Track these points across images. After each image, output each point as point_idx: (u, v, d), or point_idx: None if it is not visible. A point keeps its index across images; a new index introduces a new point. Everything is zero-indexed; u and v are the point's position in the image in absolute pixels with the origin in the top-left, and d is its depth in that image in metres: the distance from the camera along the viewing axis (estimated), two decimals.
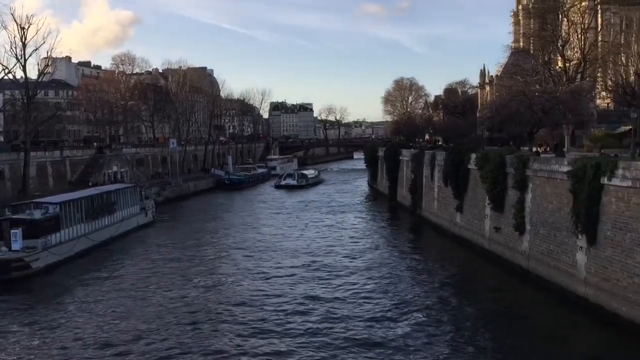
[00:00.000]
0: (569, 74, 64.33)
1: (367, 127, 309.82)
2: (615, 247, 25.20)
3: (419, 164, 58.18)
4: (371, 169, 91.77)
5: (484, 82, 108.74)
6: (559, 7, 71.59)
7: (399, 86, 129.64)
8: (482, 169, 39.50)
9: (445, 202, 48.95)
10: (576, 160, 29.18)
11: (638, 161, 26.44)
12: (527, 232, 33.61)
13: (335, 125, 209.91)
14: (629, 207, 24.42)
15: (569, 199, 28.61)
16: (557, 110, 50.45)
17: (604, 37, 76.13)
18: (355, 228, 54.03)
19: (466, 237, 43.51)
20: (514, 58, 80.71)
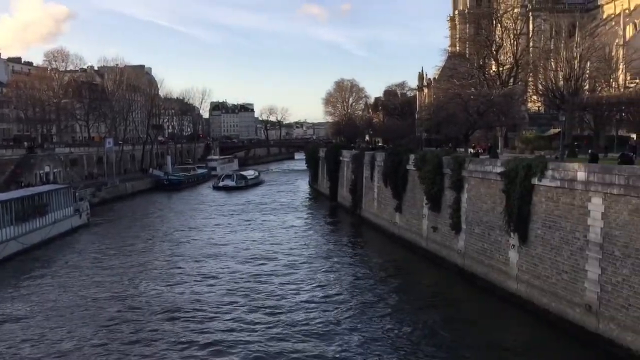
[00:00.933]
0: (503, 78, 66.69)
1: (308, 128, 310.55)
2: (545, 245, 26.24)
3: (359, 165, 58.79)
4: (312, 170, 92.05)
5: (422, 85, 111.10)
6: (493, 13, 74.07)
7: (339, 87, 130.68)
8: (421, 170, 40.30)
9: (385, 203, 49.66)
10: (508, 161, 30.20)
11: (566, 162, 27.69)
12: (463, 231, 34.53)
13: (276, 126, 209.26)
14: (558, 206, 25.48)
15: (502, 199, 29.58)
16: (491, 113, 52.19)
17: (535, 42, 79.24)
18: (296, 229, 54.04)
19: (405, 237, 44.26)
20: (451, 62, 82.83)
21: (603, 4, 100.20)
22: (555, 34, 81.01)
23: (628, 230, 21.29)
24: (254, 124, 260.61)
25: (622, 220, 21.61)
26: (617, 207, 21.91)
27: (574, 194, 24.41)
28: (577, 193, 24.15)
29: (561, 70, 55.55)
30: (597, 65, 60.29)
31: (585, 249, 23.43)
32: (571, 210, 24.55)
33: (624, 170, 22.04)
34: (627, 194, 21.31)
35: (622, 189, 21.58)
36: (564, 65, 54.77)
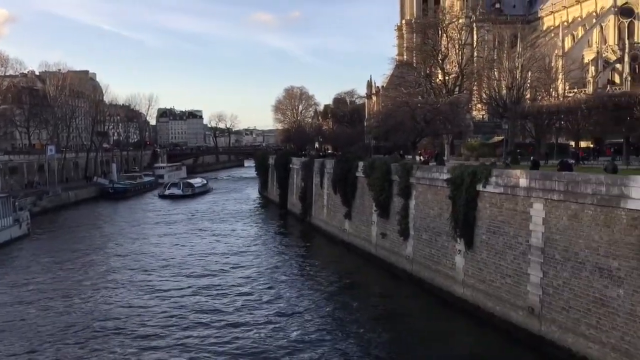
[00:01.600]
0: (448, 87, 68.18)
1: (258, 135, 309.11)
2: (490, 250, 26.86)
3: (309, 172, 58.85)
4: (262, 177, 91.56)
5: (371, 93, 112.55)
6: (439, 23, 75.60)
7: (289, 95, 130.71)
8: (370, 177, 40.63)
9: (335, 210, 49.83)
10: (454, 168, 30.81)
11: (509, 169, 28.47)
12: (411, 237, 34.98)
13: (225, 133, 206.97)
14: (502, 212, 26.14)
15: (448, 205, 30.13)
16: (437, 121, 53.24)
17: (479, 52, 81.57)
18: (245, 237, 53.54)
19: (354, 244, 44.49)
20: (399, 70, 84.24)
21: (543, 16, 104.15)
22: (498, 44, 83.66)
23: (567, 234, 22.01)
24: (203, 131, 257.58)
25: (562, 225, 22.33)
26: (557, 213, 22.63)
27: (516, 200, 25.09)
28: (520, 199, 24.84)
29: (504, 79, 57.31)
30: (537, 75, 62.50)
31: (528, 253, 24.10)
32: (514, 216, 25.22)
33: (563, 176, 22.81)
34: (567, 199, 22.04)
35: (561, 194, 22.31)
36: (507, 74, 56.51)
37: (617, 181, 20.02)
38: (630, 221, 19.24)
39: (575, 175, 22.70)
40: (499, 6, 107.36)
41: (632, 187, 19.19)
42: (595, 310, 20.62)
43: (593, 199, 20.73)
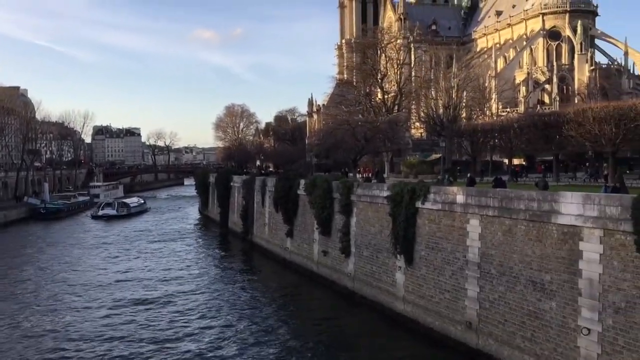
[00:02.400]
0: (388, 105, 69.55)
1: (198, 153, 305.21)
2: (429, 266, 27.28)
3: (250, 190, 58.37)
4: (202, 196, 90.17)
5: (312, 111, 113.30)
6: (378, 43, 77.24)
7: (230, 112, 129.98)
8: (311, 195, 40.64)
9: (276, 228, 49.54)
10: (394, 185, 31.24)
11: (447, 186, 29.11)
12: (353, 254, 35.13)
13: (165, 151, 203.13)
14: (440, 228, 26.65)
15: (388, 222, 30.47)
16: (377, 139, 54.13)
17: (416, 72, 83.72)
18: (184, 257, 52.30)
19: (296, 262, 44.29)
20: (339, 89, 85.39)
21: (477, 38, 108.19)
22: (434, 64, 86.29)
23: (502, 249, 22.63)
24: (141, 149, 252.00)
25: (497, 240, 22.96)
26: (492, 228, 23.26)
27: (454, 216, 25.64)
28: (457, 215, 25.40)
29: (441, 98, 58.89)
30: (472, 95, 64.66)
31: (465, 268, 24.62)
32: (452, 232, 25.75)
33: (498, 193, 23.51)
34: (501, 215, 22.70)
35: (496, 210, 22.97)
36: (443, 94, 58.11)
37: (547, 197, 20.78)
38: (560, 236, 19.96)
39: (509, 192, 23.43)
40: (435, 28, 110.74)
41: (561, 203, 19.95)
42: (529, 323, 21.21)
43: (526, 214, 21.43)
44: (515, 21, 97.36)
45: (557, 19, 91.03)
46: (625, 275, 17.68)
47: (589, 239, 18.81)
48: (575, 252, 19.34)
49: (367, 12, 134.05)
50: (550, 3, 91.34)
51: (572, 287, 19.42)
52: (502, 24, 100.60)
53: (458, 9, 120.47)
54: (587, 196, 19.20)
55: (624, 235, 17.63)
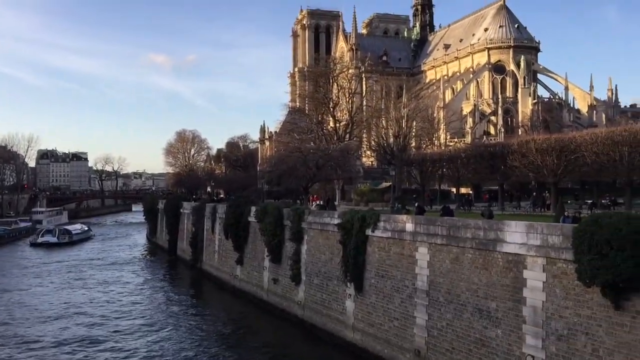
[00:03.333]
0: (339, 134, 70.32)
1: (147, 179, 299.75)
2: (378, 294, 27.39)
3: (200, 217, 57.54)
4: (151, 222, 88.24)
5: (264, 138, 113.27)
6: (330, 72, 78.40)
7: (181, 138, 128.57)
8: (262, 222, 40.37)
9: (226, 255, 48.88)
10: (345, 213, 31.42)
11: (396, 214, 29.46)
12: (303, 282, 34.94)
13: (112, 176, 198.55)
14: (389, 256, 26.87)
15: (339, 249, 30.53)
16: (329, 166, 54.48)
17: (368, 101, 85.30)
18: (130, 286, 50.75)
19: (246, 290, 43.69)
20: (291, 116, 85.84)
21: (426, 70, 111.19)
22: (385, 94, 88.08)
23: (450, 277, 22.97)
24: (88, 174, 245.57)
25: (445, 268, 23.30)
26: (440, 256, 23.62)
27: (403, 244, 25.92)
28: (406, 243, 25.69)
29: (391, 128, 59.94)
30: (422, 125, 66.13)
31: (414, 296, 24.83)
32: (401, 260, 26.00)
33: (446, 222, 23.94)
34: (449, 243, 23.10)
35: (444, 239, 23.35)
36: (393, 123, 59.19)
37: (493, 226, 21.29)
38: (505, 264, 20.43)
39: (456, 221, 23.89)
40: (386, 59, 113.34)
41: (506, 232, 20.48)
42: (476, 351, 21.49)
43: (472, 242, 21.87)
44: (462, 55, 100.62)
45: (501, 53, 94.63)
46: (567, 302, 18.19)
47: (533, 267, 19.32)
48: (519, 280, 19.81)
49: (319, 41, 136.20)
50: (495, 38, 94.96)
51: (517, 314, 19.83)
52: (450, 57, 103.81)
53: (408, 41, 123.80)
54: (531, 225, 19.77)
55: (565, 263, 18.19)
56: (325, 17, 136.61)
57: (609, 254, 16.20)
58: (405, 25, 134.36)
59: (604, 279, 16.36)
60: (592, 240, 16.70)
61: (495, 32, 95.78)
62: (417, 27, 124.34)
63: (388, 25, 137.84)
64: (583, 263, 16.95)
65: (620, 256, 15.95)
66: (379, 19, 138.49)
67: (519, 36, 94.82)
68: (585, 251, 16.88)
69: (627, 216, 16.94)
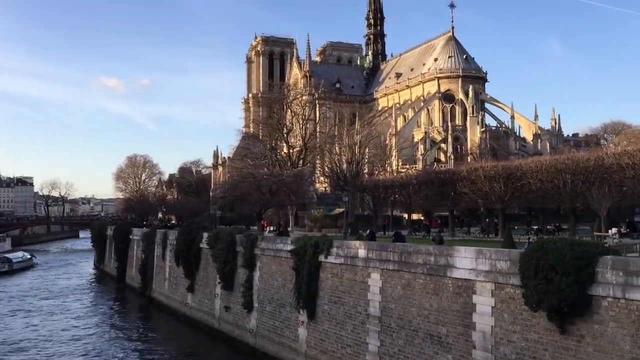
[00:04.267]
0: (293, 160, 70.50)
1: (96, 204, 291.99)
2: (331, 320, 27.30)
3: (151, 243, 56.37)
4: (99, 249, 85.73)
5: (217, 163, 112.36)
6: (284, 98, 78.84)
7: (132, 163, 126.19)
8: (214, 248, 39.87)
9: (177, 283, 47.90)
10: (298, 239, 31.35)
11: (349, 240, 29.59)
12: (255, 309, 34.53)
13: (59, 202, 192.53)
14: (342, 282, 26.89)
15: (292, 276, 30.38)
16: (282, 192, 54.39)
17: (321, 128, 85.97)
18: (75, 316, 48.83)
19: (197, 318, 42.83)
20: (245, 142, 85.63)
21: (378, 98, 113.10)
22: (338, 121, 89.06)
23: (402, 303, 23.14)
24: (33, 199, 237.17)
25: (396, 294, 23.46)
26: (392, 282, 23.79)
27: (356, 270, 26.02)
28: (359, 269, 25.80)
29: (344, 154, 60.57)
30: (374, 152, 67.05)
31: (366, 322, 24.86)
32: (354, 286, 26.05)
33: (397, 247, 24.19)
34: (401, 269, 23.32)
35: (396, 264, 23.57)
36: (346, 150, 59.85)
37: (443, 251, 21.64)
38: (455, 289, 20.75)
39: (408, 246, 24.17)
40: (339, 86, 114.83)
41: (456, 257, 20.84)
42: None
43: (423, 268, 22.15)
44: (413, 83, 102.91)
45: (451, 83, 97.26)
46: (515, 327, 18.56)
47: (482, 292, 19.69)
48: (469, 305, 20.13)
49: (273, 67, 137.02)
50: (444, 68, 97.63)
51: (467, 339, 20.10)
52: (402, 85, 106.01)
53: (361, 69, 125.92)
54: (480, 251, 20.19)
55: (512, 288, 18.61)
56: (280, 44, 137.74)
57: (554, 279, 16.69)
58: (358, 54, 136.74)
59: (549, 304, 16.80)
60: (538, 266, 17.19)
61: (445, 62, 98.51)
62: (370, 55, 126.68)
63: (341, 54, 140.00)
64: (530, 288, 17.38)
65: (565, 281, 16.45)
66: (333, 47, 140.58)
67: (467, 66, 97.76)
68: (531, 276, 17.34)
69: (571, 242, 17.54)
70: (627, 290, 15.51)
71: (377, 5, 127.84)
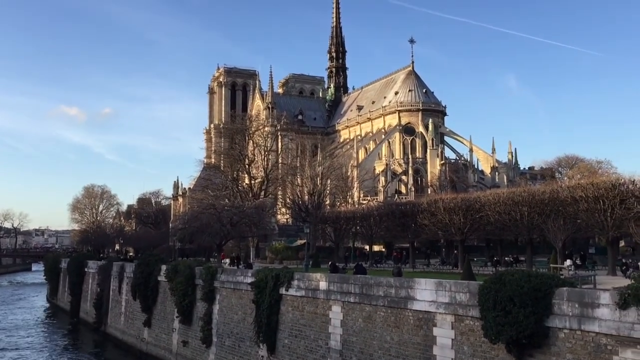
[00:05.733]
0: (255, 191, 70.15)
1: (50, 236, 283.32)
2: (292, 354, 26.85)
3: (107, 277, 54.84)
4: (52, 283, 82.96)
5: (177, 194, 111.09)
6: (246, 129, 78.81)
7: (89, 193, 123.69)
8: (172, 281, 39.02)
9: (133, 317, 46.55)
10: (259, 271, 30.95)
11: (310, 272, 29.37)
12: (214, 344, 33.76)
13: (12, 233, 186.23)
14: (303, 315, 26.56)
15: (252, 309, 29.89)
16: (243, 224, 53.89)
17: (283, 159, 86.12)
18: (24, 353, 46.77)
19: (154, 354, 41.59)
20: (206, 172, 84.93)
21: (340, 130, 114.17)
22: (300, 152, 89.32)
23: (363, 336, 22.95)
24: None
25: (358, 327, 23.27)
26: (353, 315, 23.62)
27: (317, 303, 25.76)
28: (320, 302, 25.55)
29: (306, 185, 60.56)
30: (336, 183, 67.32)
31: (327, 356, 24.53)
32: (315, 319, 25.75)
33: (359, 279, 24.09)
34: (362, 302, 23.19)
35: (357, 297, 23.44)
36: (308, 181, 59.87)
37: (404, 284, 21.64)
38: (416, 322, 20.71)
39: (369, 279, 24.10)
40: (301, 118, 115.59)
41: (416, 289, 20.86)
42: None
43: (384, 301, 22.08)
44: (374, 116, 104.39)
45: (411, 116, 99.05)
46: (475, 359, 18.57)
47: (442, 324, 19.70)
48: (429, 338, 20.09)
49: (236, 99, 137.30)
50: (405, 102, 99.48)
51: None
52: (363, 117, 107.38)
53: (323, 102, 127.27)
54: (439, 283, 20.27)
55: (472, 320, 18.69)
56: (242, 76, 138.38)
57: (512, 311, 16.83)
58: (320, 86, 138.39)
59: (508, 336, 16.91)
60: (496, 298, 17.33)
61: (405, 96, 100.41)
62: (332, 88, 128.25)
63: (304, 86, 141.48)
64: (489, 320, 17.49)
65: (523, 313, 16.61)
66: (295, 79, 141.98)
67: (427, 100, 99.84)
68: (490, 308, 17.46)
69: (528, 274, 17.77)
70: (582, 322, 15.75)
71: (339, 39, 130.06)
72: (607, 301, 15.26)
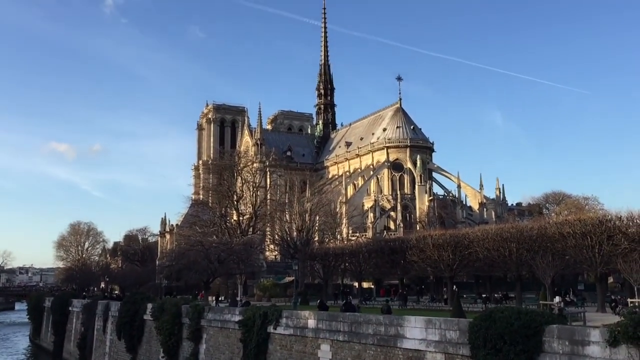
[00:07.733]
0: (243, 227, 69.70)
1: (35, 274, 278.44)
2: None
3: (91, 316, 53.84)
4: (35, 322, 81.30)
5: (164, 231, 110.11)
6: (235, 166, 78.77)
7: (75, 231, 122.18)
8: (158, 320, 38.37)
9: (117, 358, 45.58)
10: (246, 310, 30.51)
11: (299, 310, 29.00)
12: None
13: None
14: (291, 354, 26.10)
15: (240, 348, 29.36)
16: (231, 261, 53.38)
17: (272, 195, 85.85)
18: None
19: None
20: (194, 209, 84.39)
21: (329, 166, 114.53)
22: (289, 188, 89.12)
23: None
24: None
25: None
26: (342, 354, 23.23)
27: (305, 342, 25.35)
28: (309, 340, 25.15)
29: (294, 222, 60.33)
30: (324, 219, 67.09)
31: None
32: (303, 358, 25.30)
33: (348, 317, 23.80)
34: (351, 340, 22.84)
35: (346, 335, 23.10)
36: (297, 217, 59.69)
37: (394, 321, 21.38)
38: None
39: (358, 316, 23.82)
40: (290, 154, 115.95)
41: (406, 327, 20.61)
42: None
43: (374, 339, 21.76)
44: (363, 152, 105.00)
45: (399, 152, 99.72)
46: None
47: None
48: None
49: (224, 135, 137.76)
50: (393, 138, 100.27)
51: None
52: (352, 154, 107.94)
53: (311, 138, 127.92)
54: (429, 320, 20.06)
55: (463, 359, 18.44)
56: (231, 112, 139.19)
57: (502, 349, 16.66)
58: (308, 123, 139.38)
59: None
60: (487, 335, 17.17)
61: (393, 132, 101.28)
62: (320, 124, 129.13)
63: (292, 122, 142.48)
64: (479, 358, 17.27)
65: (514, 350, 16.44)
66: (284, 116, 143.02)
67: (414, 137, 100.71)
68: (481, 346, 17.27)
69: (518, 311, 17.65)
70: None
71: (328, 76, 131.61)
72: (597, 338, 15.15)
